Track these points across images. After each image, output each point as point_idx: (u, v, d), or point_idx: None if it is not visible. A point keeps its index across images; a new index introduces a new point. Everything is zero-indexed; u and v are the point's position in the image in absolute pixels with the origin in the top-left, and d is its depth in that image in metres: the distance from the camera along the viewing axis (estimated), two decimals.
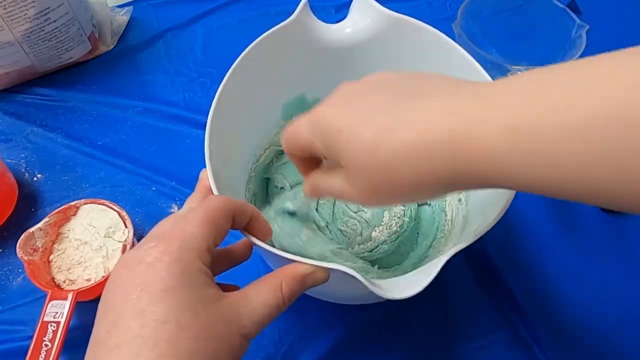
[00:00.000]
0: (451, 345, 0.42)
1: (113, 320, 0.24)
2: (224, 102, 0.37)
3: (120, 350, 0.23)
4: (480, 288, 0.45)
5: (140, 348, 0.22)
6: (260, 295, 0.27)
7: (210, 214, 0.27)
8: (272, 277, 0.28)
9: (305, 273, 0.28)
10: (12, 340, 0.42)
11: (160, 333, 0.23)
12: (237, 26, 0.65)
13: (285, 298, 0.27)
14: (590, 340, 0.42)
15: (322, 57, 0.43)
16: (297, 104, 0.46)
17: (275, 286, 0.27)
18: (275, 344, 0.42)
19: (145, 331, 0.23)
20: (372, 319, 0.43)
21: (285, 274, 0.28)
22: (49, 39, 0.55)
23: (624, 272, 0.46)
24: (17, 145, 0.54)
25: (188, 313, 0.24)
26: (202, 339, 0.24)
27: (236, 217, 0.29)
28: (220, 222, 0.28)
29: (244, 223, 0.30)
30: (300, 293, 0.28)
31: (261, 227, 0.31)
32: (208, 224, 0.27)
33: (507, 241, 0.47)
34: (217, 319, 0.25)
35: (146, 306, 0.24)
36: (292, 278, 0.28)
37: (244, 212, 0.29)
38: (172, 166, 0.53)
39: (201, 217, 0.27)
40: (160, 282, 0.24)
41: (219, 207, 0.28)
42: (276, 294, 0.27)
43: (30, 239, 0.43)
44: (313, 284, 0.29)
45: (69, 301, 0.40)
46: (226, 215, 0.28)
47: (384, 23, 0.41)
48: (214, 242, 0.27)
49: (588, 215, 0.49)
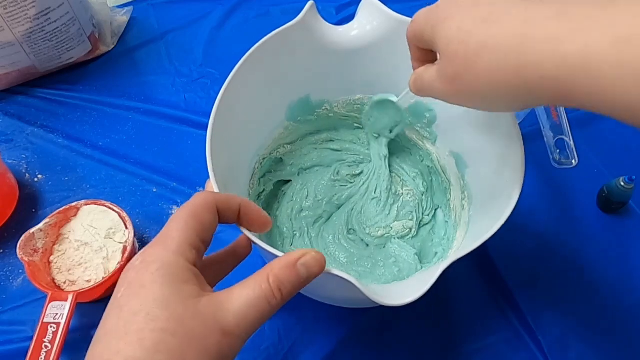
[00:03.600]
0: (452, 345, 0.42)
1: (102, 320, 0.25)
2: (227, 102, 0.37)
3: (100, 342, 0.24)
4: (481, 288, 0.45)
5: (112, 339, 0.24)
6: (246, 290, 0.26)
7: (192, 209, 0.28)
8: (260, 272, 0.27)
9: (294, 258, 0.27)
10: (12, 341, 0.42)
11: (130, 324, 0.24)
12: (238, 26, 0.65)
13: (274, 290, 0.26)
14: (591, 340, 0.42)
15: (327, 59, 0.43)
16: (302, 105, 0.46)
17: (261, 279, 0.26)
18: (275, 346, 0.41)
19: (120, 323, 0.24)
20: (372, 321, 0.43)
21: (273, 265, 0.27)
22: (49, 39, 0.55)
23: (624, 271, 0.46)
24: (18, 146, 0.54)
25: (158, 305, 0.24)
26: (170, 332, 0.23)
27: (222, 210, 0.29)
28: (203, 217, 0.28)
29: (234, 215, 0.30)
30: (294, 284, 0.27)
31: (255, 217, 0.31)
32: (189, 220, 0.27)
33: (507, 241, 0.47)
34: (192, 315, 0.24)
35: (125, 302, 0.25)
36: (281, 268, 0.26)
37: (229, 204, 0.29)
38: (173, 167, 0.53)
39: (184, 216, 0.28)
40: (139, 280, 0.25)
41: (200, 203, 0.28)
42: (263, 286, 0.26)
43: (30, 240, 0.43)
44: (307, 274, 0.27)
45: (69, 302, 0.40)
46: (209, 209, 0.28)
47: (391, 26, 0.41)
48: (198, 237, 0.27)
49: (588, 215, 0.49)
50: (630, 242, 0.47)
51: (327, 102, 0.47)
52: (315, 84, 0.45)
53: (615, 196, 0.47)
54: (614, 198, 0.47)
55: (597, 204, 0.49)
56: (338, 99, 0.47)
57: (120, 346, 0.23)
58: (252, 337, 0.43)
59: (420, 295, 0.27)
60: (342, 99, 0.47)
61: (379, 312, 0.43)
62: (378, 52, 0.42)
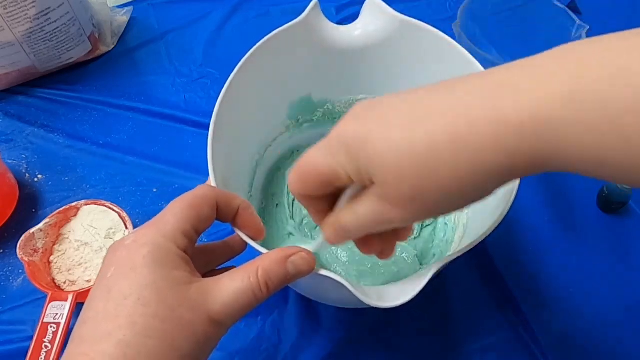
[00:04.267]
0: (451, 346, 0.42)
1: (88, 300, 0.25)
2: (229, 101, 0.37)
3: (87, 324, 0.24)
4: (481, 288, 0.45)
5: (102, 321, 0.24)
6: (234, 282, 0.26)
7: (191, 199, 0.28)
8: (249, 264, 0.27)
9: (284, 255, 0.27)
10: (11, 341, 0.42)
11: (121, 307, 0.24)
12: (238, 26, 0.65)
13: (261, 284, 0.26)
14: (591, 340, 0.42)
15: (330, 58, 0.43)
16: (303, 104, 0.46)
17: (251, 272, 0.26)
18: (275, 347, 0.41)
19: (109, 305, 0.24)
20: (371, 321, 0.43)
21: (263, 259, 0.27)
22: (49, 39, 0.55)
23: (623, 271, 0.46)
24: (18, 146, 0.54)
25: (150, 290, 0.24)
26: (160, 318, 0.24)
27: (222, 206, 0.29)
28: (201, 208, 0.28)
29: (231, 214, 0.30)
30: (282, 280, 0.27)
31: (251, 220, 0.31)
32: (186, 209, 0.27)
33: (507, 241, 0.47)
34: (182, 301, 0.25)
35: (113, 284, 0.25)
36: (271, 262, 0.27)
37: (229, 202, 0.30)
38: (173, 167, 0.52)
39: (181, 204, 0.28)
40: (129, 262, 0.25)
41: (200, 194, 0.28)
42: (250, 278, 0.26)
43: (30, 240, 0.43)
44: (295, 272, 0.27)
45: (69, 302, 0.40)
46: (208, 202, 0.28)
47: (394, 27, 0.41)
48: (192, 226, 0.27)
49: (588, 215, 0.49)
50: (630, 242, 0.47)
51: (329, 102, 0.47)
52: (317, 83, 0.45)
53: (615, 196, 0.47)
54: (614, 198, 0.47)
55: (597, 204, 0.49)
56: (340, 99, 0.47)
57: (110, 328, 0.23)
58: (252, 337, 0.43)
59: (411, 298, 0.27)
60: (344, 98, 0.47)
61: (379, 312, 0.43)
62: (381, 53, 0.42)
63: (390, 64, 0.43)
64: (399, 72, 0.43)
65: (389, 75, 0.44)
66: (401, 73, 0.42)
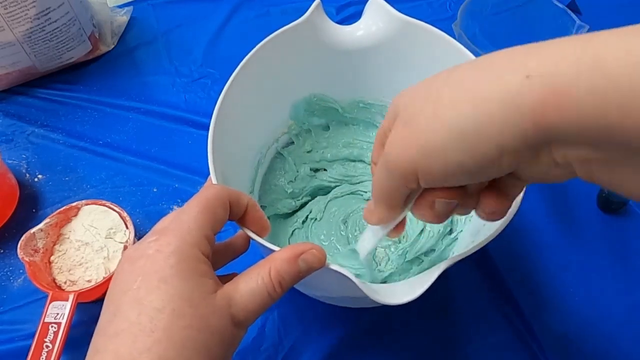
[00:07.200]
0: (452, 345, 0.42)
1: (113, 311, 0.25)
2: (230, 101, 0.37)
3: (119, 337, 0.24)
4: (481, 289, 0.45)
5: (138, 334, 0.23)
6: (250, 283, 0.27)
7: (206, 202, 0.28)
8: (261, 263, 0.28)
9: (295, 253, 0.27)
10: (12, 341, 0.42)
11: (156, 321, 0.24)
12: (239, 26, 0.65)
13: (275, 284, 0.27)
14: (591, 340, 0.42)
15: (332, 58, 0.43)
16: (305, 104, 0.46)
17: (264, 272, 0.27)
18: (275, 346, 0.41)
19: (143, 318, 0.24)
20: (372, 320, 0.43)
21: (274, 258, 0.28)
22: (49, 39, 0.55)
23: (623, 271, 0.46)
24: (18, 146, 0.54)
25: (184, 302, 0.24)
26: (195, 329, 0.24)
27: (232, 206, 0.29)
28: (216, 210, 0.28)
29: (240, 212, 0.30)
30: (294, 277, 0.28)
31: (257, 218, 0.31)
32: (204, 213, 0.27)
33: (508, 242, 0.47)
34: (212, 311, 0.25)
35: (144, 295, 0.24)
36: (282, 261, 0.27)
37: (239, 201, 0.30)
38: (173, 167, 0.52)
39: (197, 207, 0.28)
40: (158, 272, 0.25)
41: (214, 195, 0.28)
42: (264, 280, 0.27)
43: (31, 240, 0.43)
44: (307, 269, 0.28)
45: (70, 302, 0.40)
46: (222, 203, 0.29)
47: (397, 27, 0.41)
48: (212, 230, 0.28)
49: (588, 215, 0.49)
50: (630, 242, 0.47)
51: (331, 102, 0.47)
52: (319, 83, 0.45)
53: (615, 196, 0.47)
54: (614, 198, 0.47)
55: (597, 204, 0.49)
56: (342, 99, 0.47)
57: (149, 344, 0.23)
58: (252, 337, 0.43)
59: (418, 295, 0.27)
60: (346, 98, 0.47)
61: (379, 312, 0.43)
62: (384, 53, 0.42)
63: (392, 64, 0.43)
64: (401, 72, 0.43)
65: (391, 75, 0.44)
66: (403, 73, 0.42)
